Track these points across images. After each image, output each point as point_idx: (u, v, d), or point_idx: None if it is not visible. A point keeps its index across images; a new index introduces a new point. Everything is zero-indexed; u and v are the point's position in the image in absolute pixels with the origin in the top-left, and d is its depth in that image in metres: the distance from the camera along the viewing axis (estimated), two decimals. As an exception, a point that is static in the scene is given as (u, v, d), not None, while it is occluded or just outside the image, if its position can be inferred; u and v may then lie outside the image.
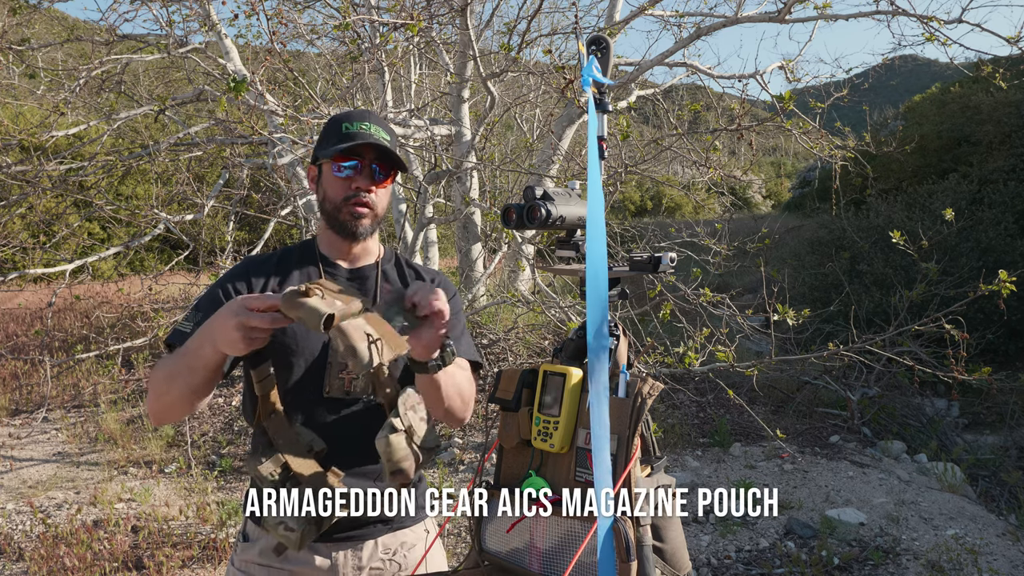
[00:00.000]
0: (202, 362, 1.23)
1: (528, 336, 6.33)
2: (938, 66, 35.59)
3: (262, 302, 1.13)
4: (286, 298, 1.09)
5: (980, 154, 11.43)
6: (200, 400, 1.33)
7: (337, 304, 1.08)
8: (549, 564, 1.13)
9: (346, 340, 1.05)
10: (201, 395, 1.32)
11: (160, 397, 1.33)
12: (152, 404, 1.36)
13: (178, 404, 1.32)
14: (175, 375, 1.29)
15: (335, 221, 1.46)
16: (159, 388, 1.33)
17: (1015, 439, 5.92)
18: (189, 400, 1.31)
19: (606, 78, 1.26)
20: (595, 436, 1.04)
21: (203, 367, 1.24)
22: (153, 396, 1.35)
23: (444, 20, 6.00)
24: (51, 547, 3.63)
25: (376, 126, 1.44)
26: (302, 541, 1.25)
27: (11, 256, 8.84)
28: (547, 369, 1.21)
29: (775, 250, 10.27)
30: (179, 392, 1.29)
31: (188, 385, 1.28)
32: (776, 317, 4.67)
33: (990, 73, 5.72)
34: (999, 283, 4.07)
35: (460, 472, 4.72)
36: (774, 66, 6.73)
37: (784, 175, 35.68)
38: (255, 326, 1.12)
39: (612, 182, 5.94)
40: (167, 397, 1.32)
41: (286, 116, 4.87)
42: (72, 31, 8.07)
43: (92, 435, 5.64)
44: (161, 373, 1.33)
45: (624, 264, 1.27)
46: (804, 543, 3.81)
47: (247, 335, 1.13)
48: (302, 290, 1.08)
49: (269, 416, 1.33)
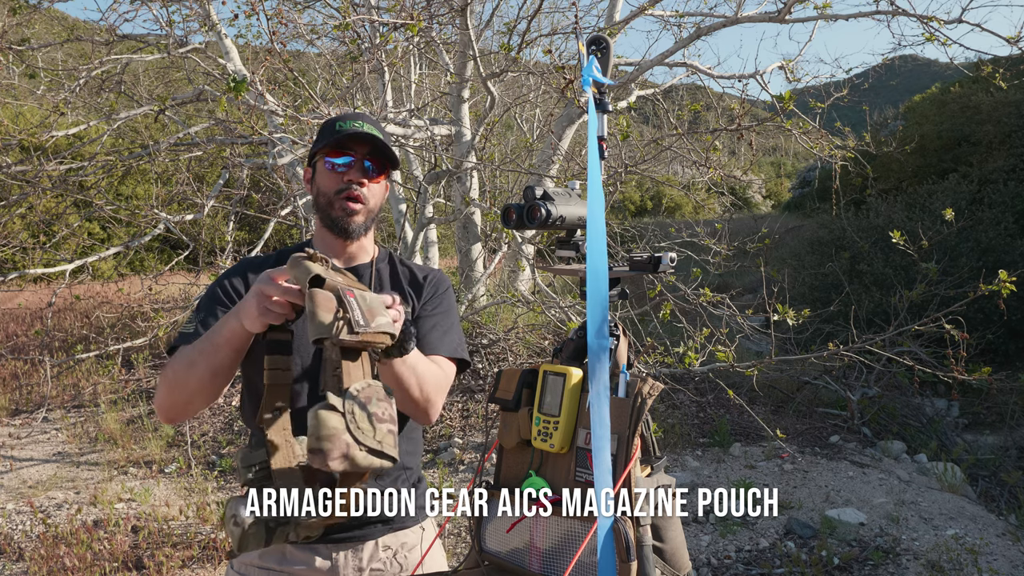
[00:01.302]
0: (225, 338, 1.23)
1: (528, 336, 6.33)
2: (938, 66, 35.56)
3: (283, 274, 1.16)
4: (292, 258, 1.12)
5: (980, 154, 11.43)
6: (220, 387, 1.32)
7: (337, 278, 1.09)
8: (549, 564, 1.13)
9: (311, 304, 1.05)
10: (222, 380, 1.30)
11: (176, 388, 1.32)
12: (165, 399, 1.34)
13: (197, 392, 1.31)
14: (196, 359, 1.28)
15: (328, 218, 1.47)
16: (177, 377, 1.31)
17: (1015, 439, 5.92)
18: (210, 385, 1.30)
19: (606, 78, 1.26)
20: (595, 436, 1.04)
21: (226, 343, 1.24)
22: (167, 390, 1.33)
23: (444, 20, 6.00)
24: (51, 547, 3.63)
25: (369, 125, 1.46)
26: (242, 542, 1.17)
27: (11, 256, 8.84)
28: (547, 369, 1.21)
29: (775, 250, 10.26)
30: (200, 376, 1.28)
31: (210, 366, 1.27)
32: (776, 317, 4.67)
33: (990, 73, 5.72)
34: (999, 283, 4.07)
35: (460, 472, 4.72)
36: (774, 66, 6.73)
37: (784, 175, 35.68)
38: (270, 295, 1.14)
39: (612, 182, 5.94)
40: (186, 387, 1.30)
41: (286, 116, 4.87)
42: (72, 31, 8.07)
43: (92, 435, 5.64)
44: (179, 363, 1.31)
45: (624, 264, 1.27)
46: (804, 543, 3.81)
47: (261, 303, 1.14)
48: (308, 253, 1.12)
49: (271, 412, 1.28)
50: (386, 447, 1.08)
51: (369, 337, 1.07)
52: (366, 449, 1.05)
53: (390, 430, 1.09)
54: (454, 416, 5.59)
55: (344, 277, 1.14)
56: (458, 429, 5.43)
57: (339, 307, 1.05)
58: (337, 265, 1.16)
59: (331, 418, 1.03)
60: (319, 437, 1.02)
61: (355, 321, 1.05)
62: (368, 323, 1.06)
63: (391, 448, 1.08)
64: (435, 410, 1.41)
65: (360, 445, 1.05)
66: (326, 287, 1.07)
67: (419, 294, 1.56)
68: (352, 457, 1.04)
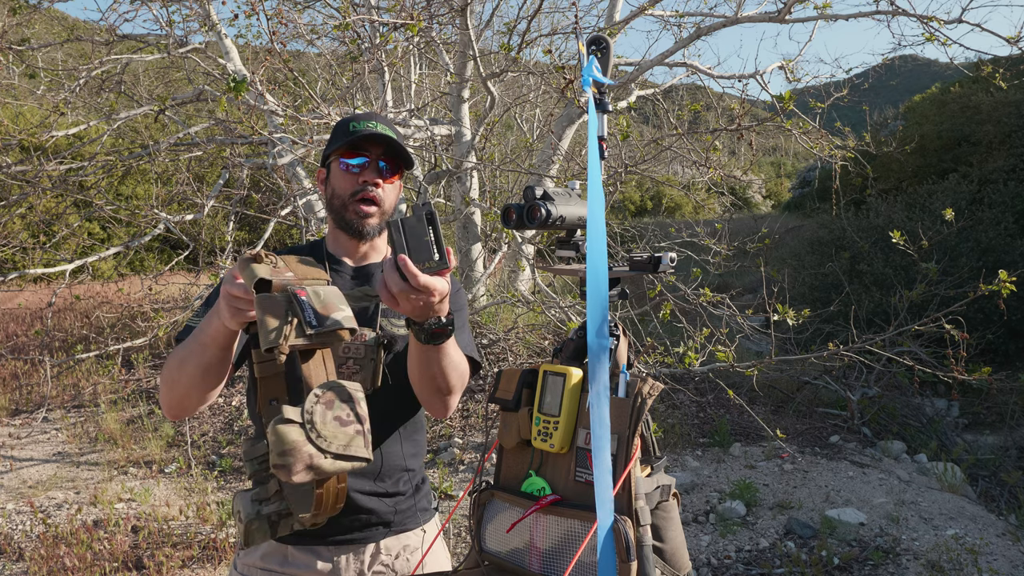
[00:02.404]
0: (211, 337, 1.23)
1: (528, 336, 6.33)
2: (938, 66, 35.56)
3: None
4: (240, 260, 1.10)
5: (980, 154, 11.43)
6: (213, 385, 1.31)
7: (287, 275, 1.07)
8: (549, 564, 1.13)
9: (258, 312, 1.03)
10: (213, 377, 1.30)
11: (173, 386, 1.32)
12: (165, 396, 1.35)
13: (191, 390, 1.31)
14: (186, 358, 1.28)
15: (342, 219, 1.47)
16: (172, 376, 1.32)
17: (1015, 439, 5.92)
18: (202, 384, 1.30)
19: (606, 78, 1.26)
20: (595, 436, 1.04)
21: (212, 342, 1.23)
22: (166, 387, 1.34)
23: (444, 20, 6.00)
24: (51, 547, 3.63)
25: (383, 125, 1.46)
26: (247, 536, 1.18)
27: (11, 256, 8.84)
28: (547, 369, 1.21)
29: (775, 250, 10.26)
30: (190, 375, 1.28)
31: (199, 365, 1.27)
32: (776, 317, 4.67)
33: (990, 73, 5.72)
34: (999, 283, 4.07)
35: (460, 472, 4.72)
36: (774, 66, 6.73)
37: (784, 175, 35.67)
38: (234, 294, 1.12)
39: (612, 182, 5.94)
40: (180, 385, 1.31)
41: (286, 116, 4.87)
42: (72, 31, 8.07)
43: (92, 435, 5.64)
44: (173, 361, 1.32)
45: (624, 264, 1.27)
46: (804, 543, 3.81)
47: (229, 303, 1.13)
48: (253, 254, 1.08)
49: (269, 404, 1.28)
50: (354, 449, 1.06)
51: (323, 338, 1.04)
52: (331, 455, 1.04)
53: (357, 431, 1.07)
54: (454, 416, 5.59)
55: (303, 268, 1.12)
56: (458, 429, 5.43)
57: (287, 310, 1.02)
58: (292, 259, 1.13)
59: (289, 431, 1.02)
60: (280, 452, 1.01)
61: (307, 323, 1.02)
62: (322, 322, 1.03)
63: (361, 449, 1.07)
64: (454, 402, 1.40)
65: (324, 453, 1.03)
66: (275, 288, 1.05)
67: None
68: (317, 466, 1.03)
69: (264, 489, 1.20)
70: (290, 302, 1.04)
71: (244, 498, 1.19)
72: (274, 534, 1.19)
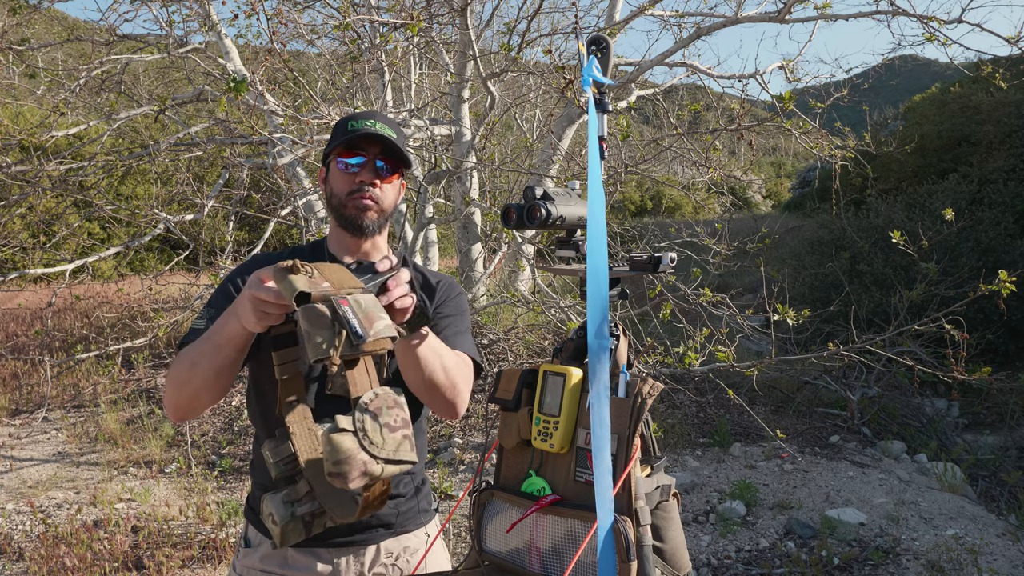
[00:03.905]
0: (226, 338, 1.21)
1: (528, 336, 6.33)
2: (938, 66, 35.60)
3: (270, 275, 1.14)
4: (275, 269, 1.09)
5: (980, 154, 11.43)
6: (224, 386, 1.30)
7: (323, 286, 1.07)
8: (549, 564, 1.13)
9: (305, 324, 1.03)
10: (225, 379, 1.28)
11: (182, 387, 1.30)
12: (172, 397, 1.33)
13: (202, 392, 1.29)
14: (198, 360, 1.26)
15: (342, 216, 1.46)
16: (181, 377, 1.30)
17: (1015, 439, 5.92)
18: (214, 385, 1.28)
19: (606, 78, 1.26)
20: (595, 436, 1.04)
21: (227, 343, 1.22)
22: (173, 388, 1.32)
23: (444, 20, 6.00)
24: (51, 547, 3.63)
25: (382, 124, 1.45)
26: (283, 538, 1.20)
27: (11, 256, 8.85)
28: (547, 369, 1.21)
29: (775, 250, 10.27)
30: (203, 376, 1.27)
31: (212, 366, 1.25)
32: (776, 317, 4.67)
33: (990, 73, 5.72)
34: (999, 283, 4.07)
35: (460, 472, 4.72)
36: (774, 66, 6.73)
37: (784, 175, 35.69)
38: (263, 299, 1.11)
39: (612, 182, 5.94)
40: (190, 386, 1.29)
41: (286, 116, 4.87)
42: (72, 31, 8.07)
43: (92, 435, 5.64)
44: (183, 362, 1.30)
45: (624, 264, 1.28)
46: (804, 543, 3.81)
47: (257, 308, 1.12)
48: (289, 265, 1.08)
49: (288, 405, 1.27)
50: (403, 453, 1.11)
51: (370, 347, 1.05)
52: (383, 461, 1.09)
53: (404, 435, 1.12)
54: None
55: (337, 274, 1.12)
56: (458, 429, 5.44)
57: (334, 321, 1.03)
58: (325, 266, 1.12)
59: (344, 440, 1.06)
60: (336, 461, 1.05)
61: (354, 334, 1.03)
62: (367, 332, 1.04)
63: (408, 453, 1.12)
64: (462, 401, 1.39)
65: (376, 459, 1.08)
66: (316, 299, 1.05)
67: (432, 297, 1.55)
68: (371, 472, 1.08)
69: (294, 490, 1.22)
70: (335, 313, 1.04)
71: (275, 500, 1.20)
72: (308, 533, 1.22)
